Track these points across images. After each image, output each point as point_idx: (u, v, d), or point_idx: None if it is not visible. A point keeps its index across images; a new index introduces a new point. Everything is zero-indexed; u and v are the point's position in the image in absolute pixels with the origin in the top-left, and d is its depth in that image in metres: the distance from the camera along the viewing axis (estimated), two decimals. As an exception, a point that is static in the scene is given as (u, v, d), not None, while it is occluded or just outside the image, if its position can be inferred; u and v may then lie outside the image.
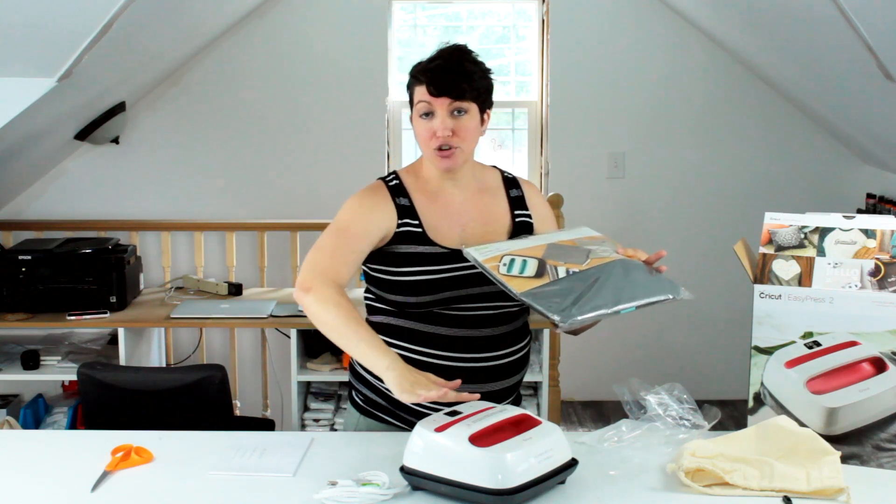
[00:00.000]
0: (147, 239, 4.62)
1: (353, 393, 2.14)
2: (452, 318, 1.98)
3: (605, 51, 4.75)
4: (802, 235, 1.92)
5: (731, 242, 2.07)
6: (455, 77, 1.95)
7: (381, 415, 2.07)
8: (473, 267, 1.91)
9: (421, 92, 1.97)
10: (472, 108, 1.98)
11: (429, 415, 1.79)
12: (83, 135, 4.27)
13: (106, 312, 3.72)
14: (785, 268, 1.91)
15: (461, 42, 2.08)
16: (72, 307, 3.71)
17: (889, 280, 1.84)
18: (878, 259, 1.86)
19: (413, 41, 4.94)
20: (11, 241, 4.33)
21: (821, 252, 1.90)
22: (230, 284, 4.04)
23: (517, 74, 5.05)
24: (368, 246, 1.98)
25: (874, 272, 1.86)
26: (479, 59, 2.04)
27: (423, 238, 2.00)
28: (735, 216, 4.75)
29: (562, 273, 1.82)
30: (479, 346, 1.99)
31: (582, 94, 4.77)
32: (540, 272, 1.81)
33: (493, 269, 1.81)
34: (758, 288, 1.90)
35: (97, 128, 4.26)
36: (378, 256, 2.01)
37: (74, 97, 3.67)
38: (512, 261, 1.84)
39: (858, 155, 4.71)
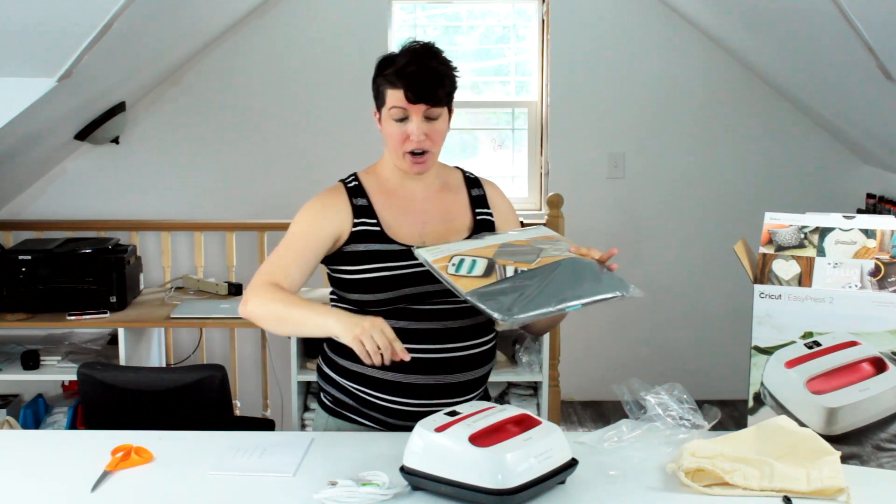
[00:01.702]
0: (147, 239, 4.62)
1: (322, 395, 2.15)
2: (414, 312, 1.98)
3: (605, 51, 4.75)
4: (802, 235, 1.92)
5: (731, 242, 2.07)
6: (431, 83, 1.94)
7: (349, 415, 2.08)
8: None
9: (396, 97, 1.95)
10: (444, 110, 2.00)
11: (395, 411, 1.83)
12: (83, 135, 4.27)
13: (106, 312, 3.72)
14: (785, 268, 1.91)
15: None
16: (72, 307, 3.71)
17: (889, 280, 1.84)
18: (878, 259, 1.86)
19: (413, 41, 4.94)
20: (11, 241, 4.33)
21: (821, 252, 1.90)
22: (230, 284, 4.04)
23: (517, 74, 5.05)
24: (316, 251, 2.01)
25: (874, 272, 1.86)
26: (446, 56, 2.02)
27: (380, 236, 2.01)
28: (735, 216, 4.75)
29: (510, 272, 1.81)
30: (441, 338, 1.99)
31: (582, 94, 4.77)
32: (488, 272, 1.81)
33: (441, 269, 1.81)
34: (758, 288, 1.90)
35: (97, 128, 4.26)
36: (336, 257, 2.03)
37: (74, 97, 3.67)
38: (461, 261, 1.84)
39: (858, 155, 4.71)
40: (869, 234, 1.89)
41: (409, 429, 1.73)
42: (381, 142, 2.06)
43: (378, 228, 2.02)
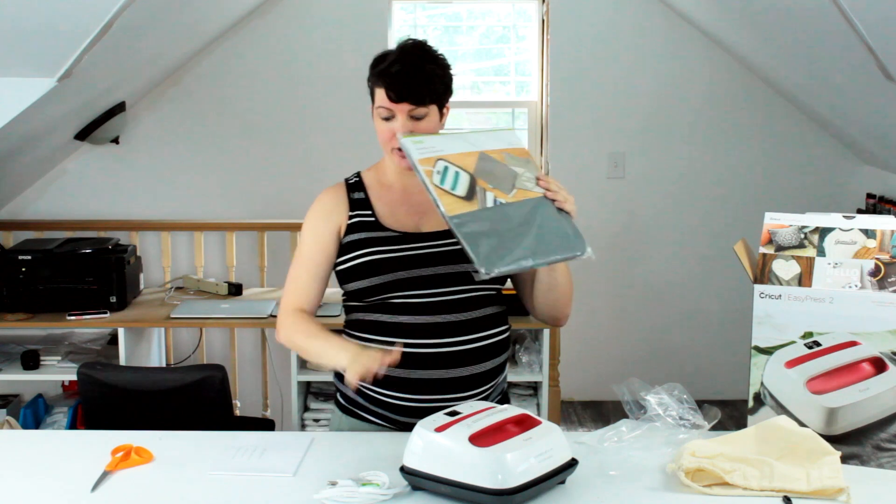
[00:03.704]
0: (147, 239, 4.62)
1: (337, 394, 2.16)
2: (413, 307, 1.99)
3: (605, 51, 4.75)
4: (802, 235, 1.92)
5: (731, 242, 2.07)
6: (415, 83, 1.95)
7: (362, 414, 2.08)
8: (424, 248, 1.99)
9: (381, 96, 1.98)
10: (432, 109, 1.99)
11: (403, 408, 1.86)
12: (83, 135, 4.27)
13: (106, 312, 3.72)
14: (785, 268, 1.91)
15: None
16: (72, 307, 3.71)
17: (889, 280, 1.84)
18: (878, 259, 1.86)
19: (413, 41, 4.94)
20: (11, 241, 4.33)
21: (821, 252, 1.90)
22: (230, 284, 4.04)
23: (517, 74, 5.05)
24: (328, 258, 2.07)
25: (874, 272, 1.86)
26: (439, 55, 2.02)
27: (373, 225, 2.04)
28: (735, 216, 4.75)
29: (489, 201, 1.84)
30: (441, 331, 1.99)
31: (582, 94, 4.77)
32: (470, 194, 1.83)
33: (427, 174, 1.82)
34: (758, 288, 1.90)
35: (97, 128, 4.26)
36: (337, 251, 2.07)
37: (74, 97, 3.67)
38: (445, 169, 1.84)
39: (858, 155, 4.71)
40: (869, 234, 1.89)
41: None
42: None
43: (373, 219, 2.05)
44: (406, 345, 1.96)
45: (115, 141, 4.54)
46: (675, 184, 4.82)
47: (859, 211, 4.55)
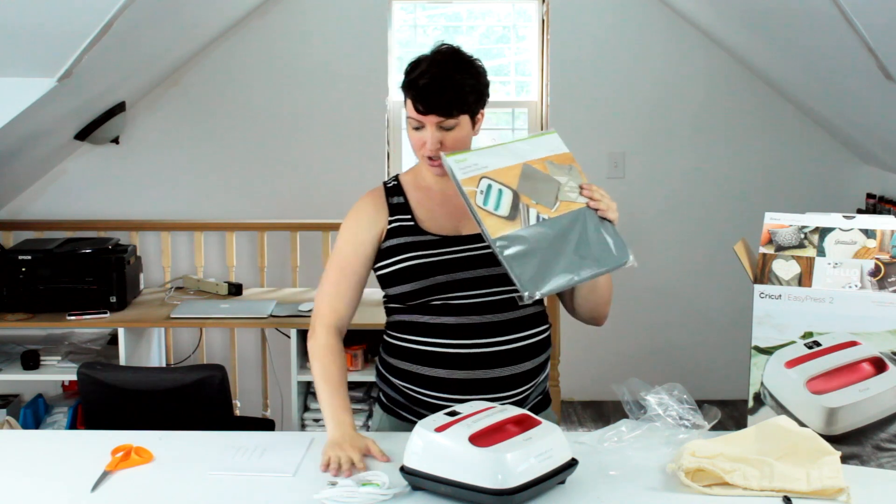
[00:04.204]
0: (147, 239, 4.63)
1: (379, 393, 2.18)
2: (453, 308, 1.99)
3: (605, 51, 4.75)
4: (802, 235, 1.92)
5: (731, 242, 2.07)
6: (443, 95, 1.93)
7: (403, 413, 2.09)
8: (464, 252, 1.99)
9: (410, 106, 1.97)
10: (462, 119, 1.98)
11: (442, 408, 1.82)
12: (83, 135, 4.27)
13: (106, 312, 3.72)
14: (785, 268, 1.91)
15: (458, 43, 2.06)
16: (72, 307, 3.71)
17: (889, 280, 1.84)
18: (878, 259, 1.86)
19: (413, 41, 4.94)
20: (11, 241, 4.33)
21: (821, 252, 1.90)
22: (230, 284, 4.04)
23: (517, 74, 5.05)
24: (365, 264, 2.07)
25: (874, 272, 1.86)
26: (475, 60, 2.02)
27: (413, 229, 2.04)
28: (735, 216, 4.75)
29: (532, 219, 1.84)
30: (481, 332, 1.99)
31: (582, 94, 4.77)
32: (513, 213, 1.83)
33: (470, 194, 1.83)
34: (758, 288, 1.90)
35: (97, 128, 4.26)
36: (376, 256, 2.07)
37: (74, 97, 3.67)
38: (489, 188, 1.85)
39: (858, 155, 4.71)
40: (869, 234, 1.89)
41: None
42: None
43: (412, 223, 2.04)
44: (446, 345, 1.98)
45: (115, 141, 4.54)
46: (675, 184, 4.82)
47: (859, 211, 4.55)
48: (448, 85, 1.94)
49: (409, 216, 2.05)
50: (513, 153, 1.93)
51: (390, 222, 2.05)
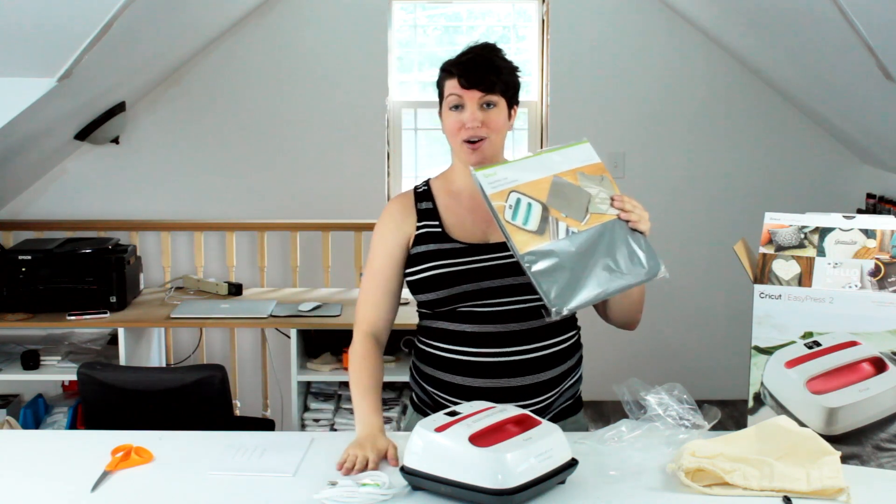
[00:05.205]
0: (147, 239, 4.63)
1: (412, 394, 2.18)
2: (480, 315, 1.99)
3: (605, 51, 4.75)
4: (802, 235, 1.92)
5: (731, 242, 2.07)
6: (485, 70, 1.98)
7: (431, 413, 2.08)
8: (492, 260, 1.98)
9: (452, 85, 1.99)
10: (501, 102, 2.00)
11: None
12: (83, 135, 4.27)
13: (106, 312, 3.72)
14: (785, 268, 1.91)
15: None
16: (72, 307, 3.71)
17: (889, 280, 1.84)
18: (878, 259, 1.86)
19: (413, 41, 4.94)
20: (11, 241, 4.34)
21: (821, 252, 1.90)
22: (230, 284, 4.04)
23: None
24: (397, 271, 2.07)
25: (874, 272, 1.86)
26: (508, 57, 2.06)
27: (441, 236, 2.03)
28: (735, 216, 4.75)
29: (562, 232, 1.83)
30: (508, 340, 1.99)
31: (582, 94, 4.77)
32: (542, 228, 1.82)
33: (499, 209, 1.82)
34: (758, 288, 1.90)
35: (97, 128, 4.26)
36: (406, 262, 2.08)
37: (74, 97, 3.67)
38: (518, 202, 1.83)
39: (858, 155, 4.71)
40: (869, 234, 1.89)
41: None
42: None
43: (440, 230, 2.04)
44: (473, 353, 1.98)
45: (115, 141, 4.54)
46: (675, 184, 4.82)
47: (859, 211, 4.55)
48: (491, 63, 1.99)
49: (436, 222, 2.05)
50: (543, 165, 1.92)
51: (418, 228, 2.05)
